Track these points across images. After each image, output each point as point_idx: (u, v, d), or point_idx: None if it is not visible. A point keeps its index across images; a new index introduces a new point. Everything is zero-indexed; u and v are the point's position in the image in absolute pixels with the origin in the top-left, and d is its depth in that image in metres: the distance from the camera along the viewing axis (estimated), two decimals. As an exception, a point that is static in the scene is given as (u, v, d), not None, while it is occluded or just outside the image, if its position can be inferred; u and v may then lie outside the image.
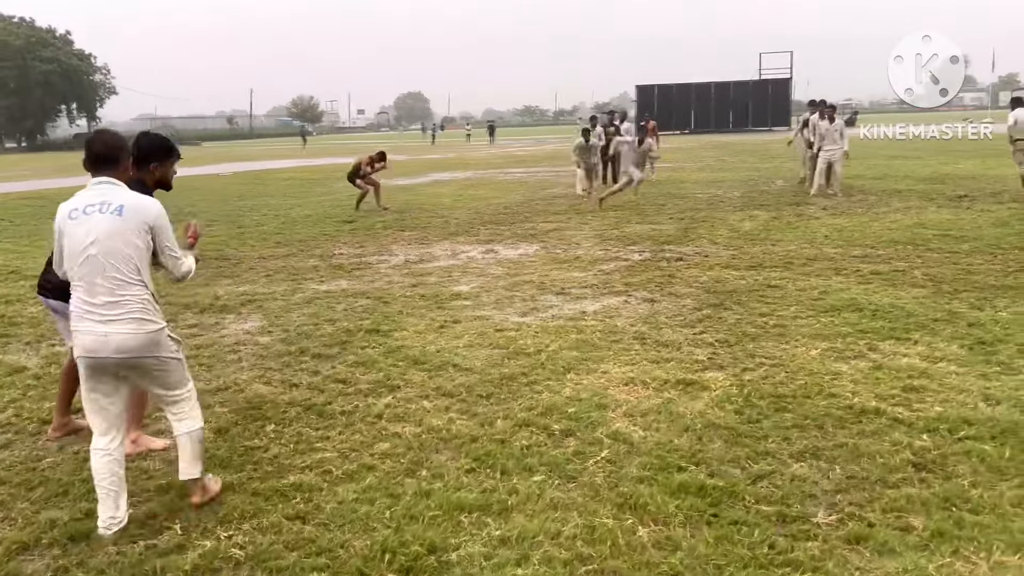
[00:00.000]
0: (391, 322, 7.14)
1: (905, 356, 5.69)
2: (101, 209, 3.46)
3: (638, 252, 10.49)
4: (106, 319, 3.43)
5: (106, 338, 3.43)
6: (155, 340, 3.53)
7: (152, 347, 3.53)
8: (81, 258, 3.45)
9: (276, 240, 12.69)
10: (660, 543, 3.38)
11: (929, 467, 3.97)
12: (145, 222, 3.52)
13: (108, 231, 3.44)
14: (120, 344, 3.44)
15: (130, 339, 3.45)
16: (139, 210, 3.52)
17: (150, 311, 3.52)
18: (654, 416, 4.77)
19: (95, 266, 3.43)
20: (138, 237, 3.49)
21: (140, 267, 3.50)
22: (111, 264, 3.43)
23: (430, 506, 3.72)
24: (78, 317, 3.49)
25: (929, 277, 8.20)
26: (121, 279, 3.44)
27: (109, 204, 3.48)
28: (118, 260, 3.44)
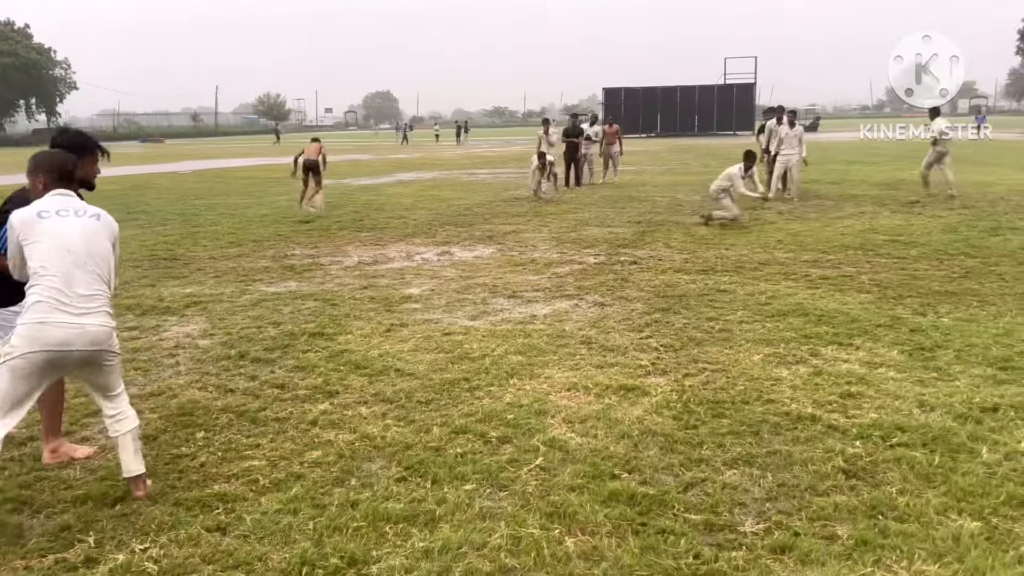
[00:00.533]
0: (336, 325, 7.04)
1: (846, 362, 5.72)
2: (77, 213, 3.75)
3: (593, 255, 10.48)
4: (82, 311, 3.61)
5: (82, 329, 3.60)
6: (112, 336, 3.75)
7: (111, 342, 3.74)
8: (61, 252, 3.63)
9: (229, 240, 12.49)
10: (586, 553, 3.34)
11: (859, 475, 3.98)
12: (113, 233, 3.89)
13: (90, 231, 3.74)
14: (94, 336, 3.63)
15: (101, 332, 3.66)
16: (109, 221, 3.90)
17: (111, 308, 3.79)
18: (593, 422, 4.73)
19: (77, 260, 3.64)
20: (109, 242, 3.83)
21: (110, 269, 3.80)
22: (92, 260, 3.69)
23: (355, 517, 3.64)
24: (48, 309, 3.57)
25: (876, 283, 8.29)
26: (98, 275, 3.71)
27: (84, 210, 3.79)
28: (98, 258, 3.72)
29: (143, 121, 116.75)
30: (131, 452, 3.84)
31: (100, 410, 3.95)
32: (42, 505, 3.84)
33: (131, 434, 3.86)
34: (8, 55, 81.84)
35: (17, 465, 4.31)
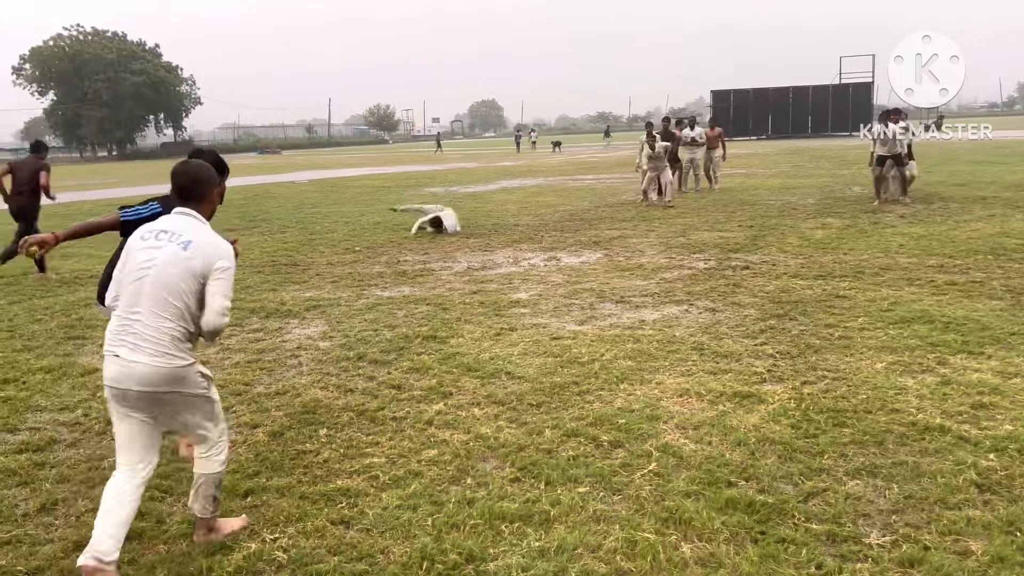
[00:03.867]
0: (448, 329, 7.19)
1: (976, 371, 5.43)
2: (171, 239, 3.37)
3: (703, 260, 10.32)
4: (131, 347, 3.27)
5: (131, 368, 3.26)
6: (180, 376, 3.33)
7: (175, 382, 3.33)
8: (133, 281, 3.34)
9: (344, 247, 12.93)
10: (703, 560, 3.30)
11: (994, 488, 3.78)
12: (209, 265, 3.34)
13: (167, 260, 3.32)
14: (142, 376, 3.26)
15: (153, 372, 3.26)
16: (203, 252, 3.36)
17: (180, 347, 3.32)
18: (707, 429, 4.67)
19: (138, 291, 3.31)
20: (193, 277, 3.32)
21: (185, 305, 3.31)
22: (157, 293, 3.29)
23: (472, 515, 3.72)
24: (109, 343, 3.36)
25: (1008, 288, 7.83)
26: (157, 311, 3.28)
27: (180, 236, 3.37)
28: (165, 291, 3.29)
29: (260, 133, 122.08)
30: (197, 495, 3.55)
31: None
32: (181, 494, 4.08)
33: (206, 479, 3.54)
34: (139, 74, 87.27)
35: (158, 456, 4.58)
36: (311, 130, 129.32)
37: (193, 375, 3.39)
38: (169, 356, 3.28)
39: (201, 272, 3.33)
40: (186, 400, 3.41)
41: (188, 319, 3.34)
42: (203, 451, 3.56)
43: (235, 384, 5.89)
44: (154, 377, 3.27)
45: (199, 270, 3.32)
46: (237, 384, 5.89)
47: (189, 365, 3.36)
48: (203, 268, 3.33)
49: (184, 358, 3.33)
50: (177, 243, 3.35)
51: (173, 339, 3.30)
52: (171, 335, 3.29)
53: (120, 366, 3.28)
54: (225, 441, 3.61)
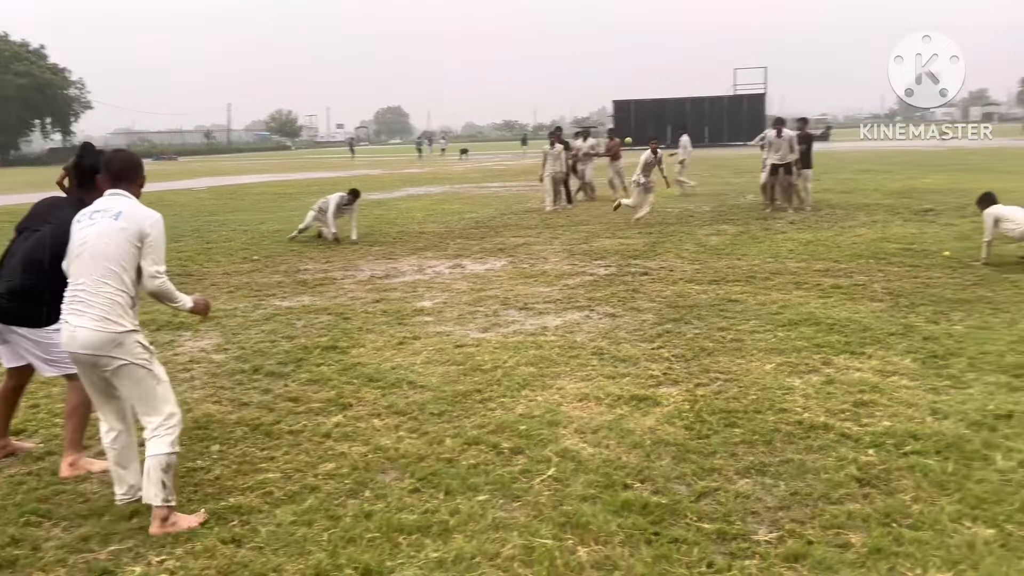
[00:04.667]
0: (349, 339, 7.09)
1: (858, 370, 5.71)
2: (104, 215, 3.69)
3: (604, 267, 10.50)
4: (78, 313, 3.59)
5: (74, 332, 3.59)
6: (118, 341, 3.58)
7: (114, 347, 3.58)
8: (74, 256, 3.68)
9: (242, 255, 12.59)
10: (599, 563, 3.35)
11: (873, 482, 3.97)
12: (140, 230, 3.65)
13: (101, 232, 3.64)
14: (85, 340, 3.57)
15: (93, 336, 3.55)
16: (134, 218, 3.68)
17: (119, 312, 3.60)
18: (605, 432, 4.74)
19: (82, 264, 3.63)
20: (127, 241, 3.63)
21: (122, 268, 3.62)
22: (94, 262, 3.60)
23: (369, 528, 3.67)
24: (63, 312, 3.69)
25: (888, 291, 8.27)
26: (98, 277, 3.59)
27: (111, 210, 3.70)
28: (101, 258, 3.60)
29: (157, 139, 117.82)
30: (148, 478, 3.65)
31: None
32: (60, 518, 3.88)
33: (152, 461, 3.63)
34: (23, 76, 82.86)
35: (35, 479, 4.36)
36: (210, 136, 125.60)
37: (131, 343, 3.63)
38: (108, 321, 3.57)
39: (135, 237, 3.64)
40: (127, 369, 3.62)
41: (128, 284, 3.65)
42: (149, 432, 3.67)
43: (123, 400, 5.64)
44: (94, 340, 3.56)
45: (133, 236, 3.64)
46: (125, 400, 5.63)
47: (127, 331, 3.61)
48: (136, 234, 3.64)
49: (122, 324, 3.60)
50: (109, 216, 3.68)
51: (114, 303, 3.59)
52: (112, 299, 3.59)
53: (68, 331, 3.63)
54: (174, 423, 3.71)
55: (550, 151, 18.21)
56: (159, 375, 3.73)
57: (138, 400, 3.70)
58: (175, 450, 3.70)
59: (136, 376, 3.65)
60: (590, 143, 20.73)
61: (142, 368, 3.66)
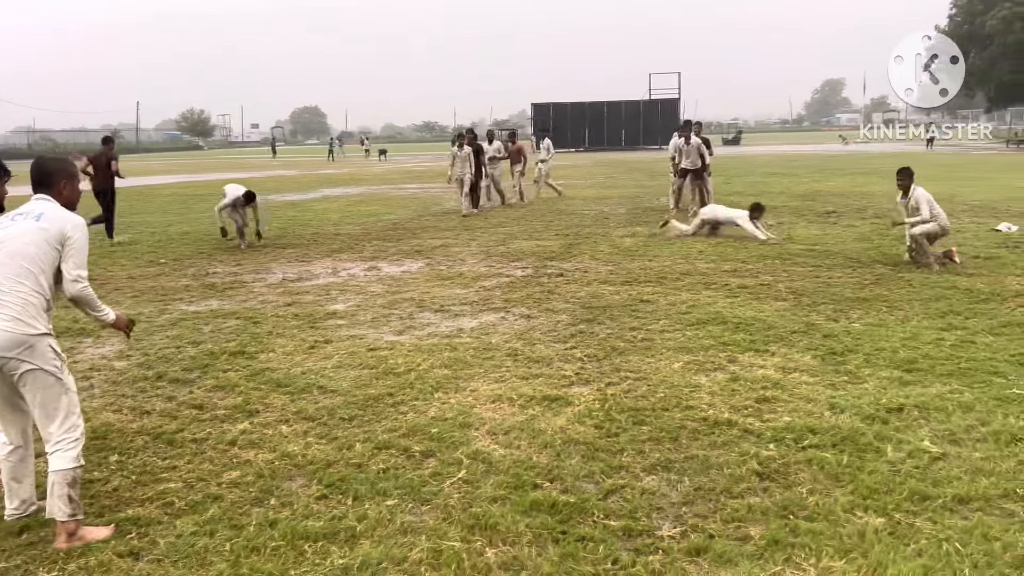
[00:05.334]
0: (258, 343, 6.93)
1: (762, 368, 5.89)
2: (26, 217, 3.62)
3: (521, 268, 10.56)
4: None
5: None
6: (29, 343, 3.46)
7: (24, 350, 3.46)
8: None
9: (148, 259, 12.17)
10: (506, 564, 3.36)
11: (772, 476, 4.10)
12: (61, 232, 3.58)
13: (19, 232, 3.56)
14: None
15: (4, 336, 3.42)
16: (56, 220, 3.62)
17: (32, 314, 3.49)
18: (516, 433, 4.77)
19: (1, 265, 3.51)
20: (47, 243, 3.55)
21: (40, 269, 3.53)
22: (11, 261, 3.50)
23: (274, 536, 3.59)
24: None
25: (792, 291, 8.56)
26: (14, 277, 3.48)
27: (32, 212, 3.64)
28: (19, 258, 3.50)
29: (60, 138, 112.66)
30: (53, 492, 3.52)
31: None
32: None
33: (57, 476, 3.51)
34: (-88, 69, 78.25)
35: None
36: (117, 134, 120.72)
37: (43, 347, 3.52)
38: (19, 322, 3.45)
39: (56, 239, 3.56)
40: (36, 375, 3.50)
41: (45, 286, 3.55)
42: (51, 445, 3.56)
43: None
44: (5, 341, 3.42)
45: (53, 237, 3.56)
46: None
47: (40, 335, 3.51)
48: (57, 236, 3.57)
49: (35, 327, 3.49)
50: (30, 217, 3.61)
51: (27, 304, 3.48)
52: (26, 300, 3.48)
53: None
54: (77, 435, 3.60)
55: (458, 153, 17.81)
56: (68, 384, 3.62)
57: (42, 408, 3.55)
58: (80, 464, 3.58)
59: (45, 383, 3.53)
60: (495, 146, 20.03)
61: (52, 376, 3.54)
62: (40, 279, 3.53)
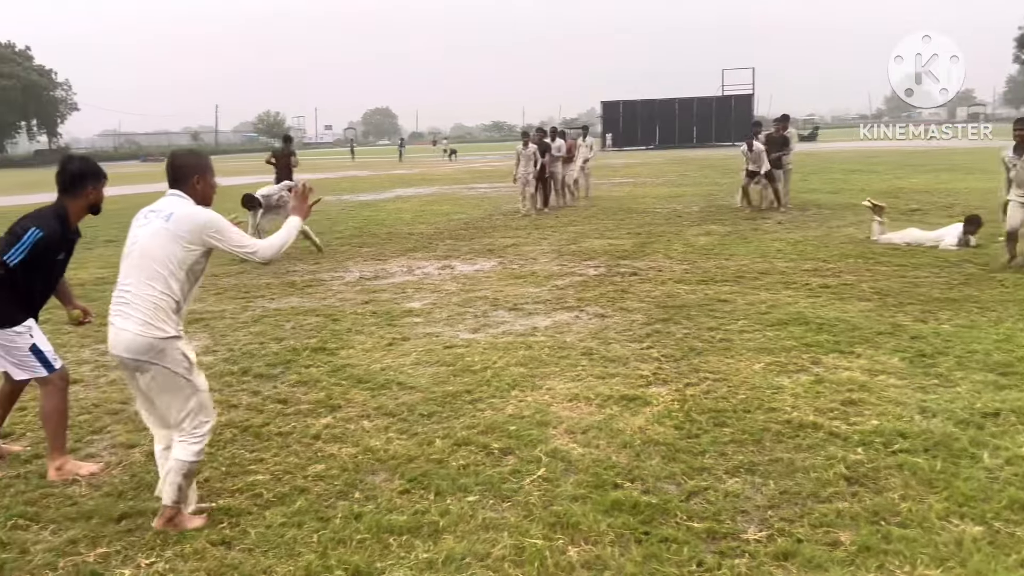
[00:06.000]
0: (338, 340, 7.07)
1: (847, 370, 5.73)
2: (157, 216, 3.61)
3: (594, 267, 10.51)
4: (123, 315, 3.54)
5: (118, 335, 3.54)
6: (159, 347, 3.50)
7: (154, 353, 3.50)
8: (124, 255, 3.63)
9: (230, 257, 12.50)
10: (589, 563, 3.35)
11: (861, 481, 3.99)
12: (193, 231, 3.55)
13: (150, 232, 3.57)
14: (127, 343, 3.51)
15: (136, 340, 3.49)
16: (185, 219, 3.58)
17: (162, 317, 3.51)
18: (595, 433, 4.75)
19: (130, 264, 3.58)
20: (177, 244, 3.53)
21: (169, 271, 3.52)
22: (141, 262, 3.54)
23: (359, 529, 3.66)
24: (110, 313, 3.63)
25: (876, 291, 8.31)
26: (144, 279, 3.52)
27: (163, 211, 3.62)
28: (149, 259, 3.53)
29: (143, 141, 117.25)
30: (166, 480, 3.66)
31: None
32: (48, 521, 3.86)
33: (175, 463, 3.61)
34: (8, 77, 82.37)
35: (23, 482, 4.33)
36: (197, 137, 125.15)
37: (172, 350, 3.54)
38: (149, 326, 3.49)
39: (187, 239, 3.54)
40: (164, 378, 3.55)
41: (175, 288, 3.55)
42: (178, 435, 3.63)
43: (111, 403, 5.62)
44: (136, 345, 3.49)
45: (183, 237, 3.53)
46: (113, 403, 5.62)
47: (169, 338, 3.53)
48: (188, 235, 3.54)
49: (164, 330, 3.52)
50: (160, 217, 3.59)
51: (156, 307, 3.50)
52: (155, 303, 3.50)
53: (112, 333, 3.58)
54: (203, 432, 3.65)
55: (522, 151, 17.56)
56: (198, 385, 3.63)
57: (171, 408, 3.63)
58: (199, 458, 3.66)
59: (174, 385, 3.57)
60: (558, 144, 19.18)
61: (182, 378, 3.57)
62: (170, 281, 3.52)
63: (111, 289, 3.79)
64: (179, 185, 3.74)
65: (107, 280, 10.22)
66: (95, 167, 4.39)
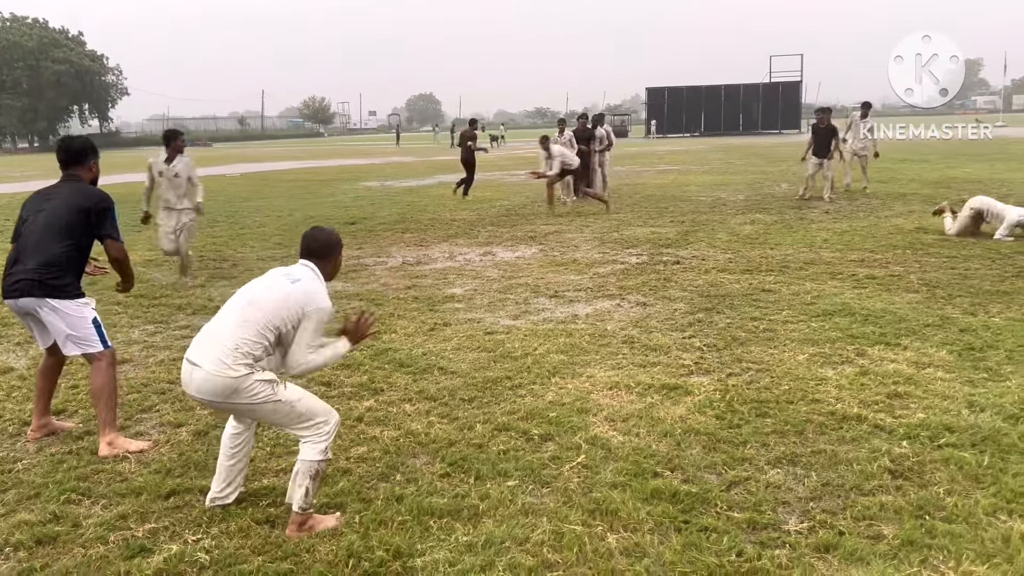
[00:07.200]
0: (381, 324, 7.13)
1: (893, 362, 5.64)
2: (285, 276, 3.62)
3: (636, 255, 10.45)
4: (200, 351, 3.49)
5: (191, 373, 3.48)
6: (234, 387, 3.40)
7: (231, 393, 3.42)
8: (234, 297, 3.65)
9: (276, 241, 12.73)
10: (628, 550, 3.35)
11: (906, 475, 3.93)
12: (303, 307, 3.51)
13: (269, 284, 3.60)
14: (200, 384, 3.45)
15: (209, 380, 3.41)
16: (305, 294, 3.54)
17: (242, 360, 3.40)
18: (635, 421, 4.74)
19: (236, 306, 3.56)
20: (286, 307, 3.49)
21: (267, 328, 3.46)
22: (245, 307, 3.51)
23: (400, 511, 3.71)
24: (191, 347, 3.59)
25: (925, 282, 8.14)
26: (240, 322, 3.46)
27: (292, 274, 3.63)
28: (253, 308, 3.49)
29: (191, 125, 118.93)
30: (294, 482, 3.57)
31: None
32: (99, 496, 3.97)
33: (302, 465, 3.53)
34: (62, 62, 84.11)
35: (75, 458, 4.46)
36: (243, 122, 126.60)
37: (249, 385, 3.42)
38: (224, 365, 3.39)
39: (295, 312, 3.49)
40: (253, 410, 3.52)
41: (267, 344, 3.48)
42: (304, 439, 3.58)
43: (159, 383, 5.75)
44: (209, 387, 3.42)
45: (293, 308, 3.49)
46: (161, 383, 5.75)
47: (243, 376, 3.41)
48: (296, 308, 3.50)
49: (238, 370, 3.40)
50: (287, 279, 3.59)
51: (239, 352, 3.41)
52: (238, 347, 3.41)
53: (187, 370, 3.52)
54: (327, 430, 3.56)
55: (558, 139, 16.98)
56: (291, 399, 3.52)
57: (280, 426, 3.64)
58: (327, 457, 3.56)
59: (264, 411, 3.51)
60: (599, 133, 18.03)
61: (267, 403, 3.47)
62: (265, 333, 3.46)
63: (157, 270, 3.87)
64: (314, 258, 3.74)
65: (155, 262, 10.44)
66: (93, 144, 4.96)
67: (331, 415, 3.63)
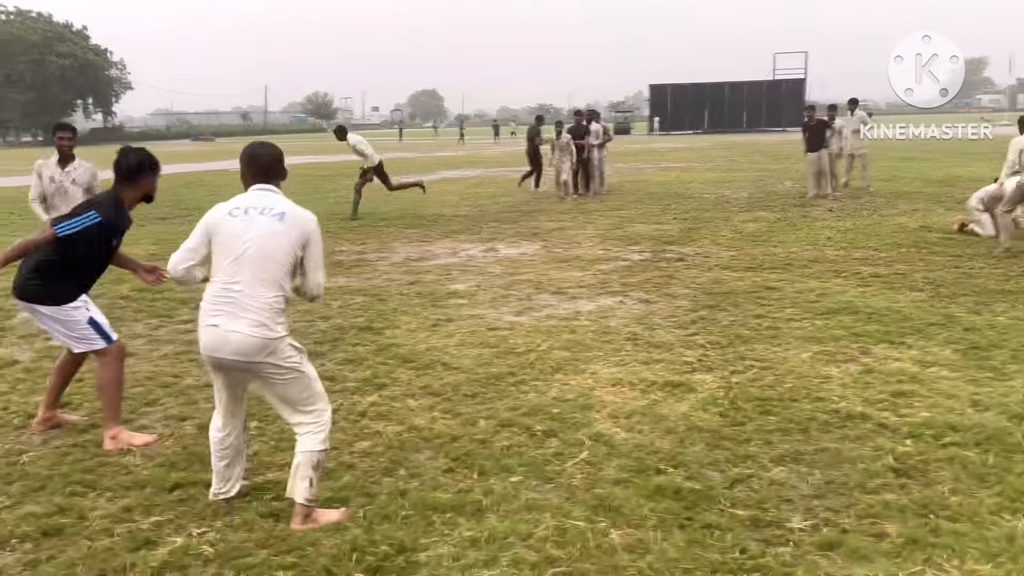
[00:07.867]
0: (384, 320, 7.15)
1: (897, 360, 5.63)
2: (263, 212, 3.48)
3: (639, 252, 10.45)
4: (231, 316, 3.40)
5: (227, 336, 3.41)
6: (271, 348, 3.42)
7: (267, 354, 3.42)
8: (234, 255, 3.44)
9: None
10: (631, 546, 3.36)
11: (910, 473, 3.93)
12: (303, 233, 3.50)
13: (266, 232, 3.44)
14: (237, 346, 3.40)
15: (248, 342, 3.38)
16: (297, 222, 3.51)
17: (276, 319, 3.44)
18: (638, 418, 4.74)
19: (241, 265, 3.42)
20: (291, 246, 3.47)
21: (284, 273, 3.46)
22: (260, 263, 3.42)
23: (404, 505, 3.71)
24: (205, 313, 3.51)
25: (929, 280, 8.13)
26: (259, 281, 3.41)
27: (271, 208, 3.49)
28: (268, 261, 3.42)
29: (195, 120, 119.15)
30: (296, 473, 3.54)
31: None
32: (104, 489, 3.98)
33: (303, 457, 3.52)
34: (66, 56, 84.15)
35: (80, 451, 4.47)
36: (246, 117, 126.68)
37: (284, 347, 3.48)
38: (265, 327, 3.40)
39: (298, 242, 3.48)
40: (279, 374, 3.49)
41: (286, 288, 3.50)
42: (303, 428, 3.57)
43: (164, 376, 5.76)
44: (248, 347, 3.40)
45: (296, 241, 3.48)
46: (166, 376, 5.76)
47: (281, 338, 3.47)
48: (299, 239, 3.48)
49: (277, 331, 3.45)
50: (271, 216, 3.47)
51: (272, 310, 3.43)
52: (271, 306, 3.43)
53: (217, 335, 3.44)
54: (325, 419, 3.59)
55: (557, 142, 17.35)
56: (310, 374, 3.57)
57: (286, 400, 3.57)
58: (326, 447, 3.57)
59: (287, 379, 3.50)
60: (596, 129, 18.35)
61: (294, 371, 3.51)
62: (283, 283, 3.46)
63: (162, 263, 3.88)
64: (274, 179, 3.64)
65: (159, 256, 10.43)
66: (151, 159, 4.50)
67: (329, 406, 3.68)
